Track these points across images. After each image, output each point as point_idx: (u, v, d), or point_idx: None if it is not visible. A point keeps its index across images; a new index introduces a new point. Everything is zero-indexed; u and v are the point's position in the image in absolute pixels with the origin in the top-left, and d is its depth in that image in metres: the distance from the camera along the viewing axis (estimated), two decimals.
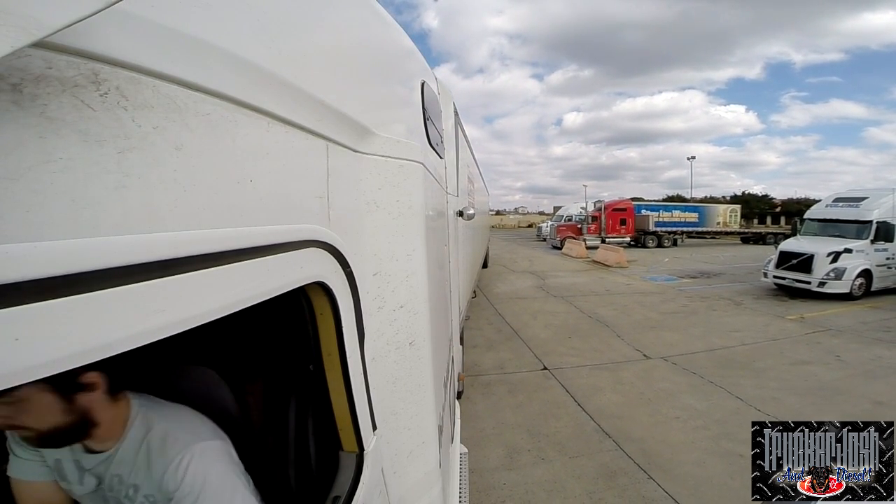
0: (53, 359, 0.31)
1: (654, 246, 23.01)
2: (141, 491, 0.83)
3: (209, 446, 0.83)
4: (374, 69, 0.99)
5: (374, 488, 0.86)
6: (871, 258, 9.32)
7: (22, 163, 0.28)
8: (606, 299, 9.36)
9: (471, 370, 5.08)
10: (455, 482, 1.90)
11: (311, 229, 0.65)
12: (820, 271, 9.12)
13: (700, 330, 6.96)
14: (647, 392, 4.56)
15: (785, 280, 9.72)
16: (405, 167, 0.98)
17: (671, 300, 9.35)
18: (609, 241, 20.91)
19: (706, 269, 14.45)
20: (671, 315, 7.96)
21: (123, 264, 0.35)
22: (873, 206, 9.65)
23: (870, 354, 5.74)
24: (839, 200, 10.48)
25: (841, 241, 9.50)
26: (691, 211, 26.67)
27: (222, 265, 0.46)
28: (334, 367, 0.77)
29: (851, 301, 9.03)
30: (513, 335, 6.68)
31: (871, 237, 9.38)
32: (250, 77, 0.51)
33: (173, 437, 0.82)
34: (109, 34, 0.33)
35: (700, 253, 20.86)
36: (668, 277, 12.53)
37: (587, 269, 14.29)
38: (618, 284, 11.32)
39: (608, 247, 17.02)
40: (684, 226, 25.44)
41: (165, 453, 0.81)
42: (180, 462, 0.79)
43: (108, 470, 0.84)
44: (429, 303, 1.04)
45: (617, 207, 23.02)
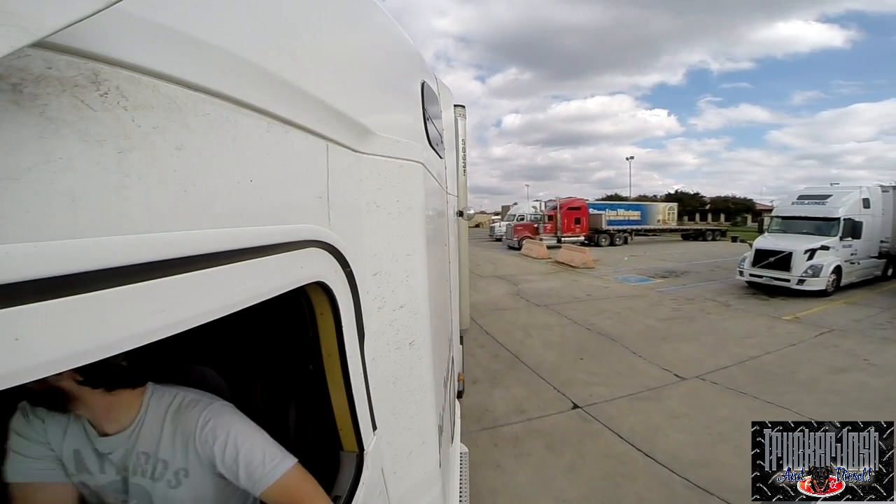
0: (53, 359, 0.31)
1: (607, 244, 23.00)
2: (171, 467, 0.83)
3: (223, 404, 0.88)
4: (374, 69, 0.99)
5: (374, 488, 0.86)
6: (839, 254, 9.48)
7: (22, 163, 0.28)
8: (593, 306, 8.82)
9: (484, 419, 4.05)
10: (455, 482, 1.90)
11: (311, 229, 0.65)
12: (798, 269, 9.19)
13: (711, 338, 6.55)
14: (712, 425, 3.89)
15: (762, 278, 9.72)
16: (405, 167, 0.97)
17: (659, 304, 9.03)
18: (564, 240, 20.91)
19: (670, 268, 14.32)
20: (671, 322, 7.60)
21: (123, 264, 0.35)
22: (839, 204, 9.86)
23: (892, 355, 5.60)
24: (804, 198, 10.66)
25: (811, 238, 9.63)
26: (634, 209, 27.25)
27: (222, 265, 0.46)
28: (334, 367, 0.77)
29: (826, 297, 9.14)
30: (514, 361, 5.70)
31: (839, 234, 9.52)
32: (250, 77, 0.51)
33: (192, 402, 0.86)
34: (109, 34, 0.33)
35: (651, 250, 20.65)
36: (641, 278, 12.35)
37: (555, 272, 13.76)
38: (595, 288, 10.91)
39: (572, 247, 16.48)
40: (631, 224, 25.86)
41: (187, 417, 0.84)
42: (206, 422, 0.82)
43: (134, 448, 0.83)
44: (429, 303, 1.04)
45: (572, 206, 22.95)
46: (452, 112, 3.09)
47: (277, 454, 0.81)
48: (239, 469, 0.79)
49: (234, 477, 0.81)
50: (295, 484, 0.80)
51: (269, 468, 0.79)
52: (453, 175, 2.85)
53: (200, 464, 0.83)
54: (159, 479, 0.83)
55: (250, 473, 0.79)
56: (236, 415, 0.87)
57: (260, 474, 0.79)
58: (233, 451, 0.80)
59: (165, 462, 0.83)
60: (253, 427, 0.86)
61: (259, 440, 0.83)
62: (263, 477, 0.79)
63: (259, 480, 0.79)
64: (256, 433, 0.85)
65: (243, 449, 0.80)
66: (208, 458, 0.82)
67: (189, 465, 0.83)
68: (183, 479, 0.83)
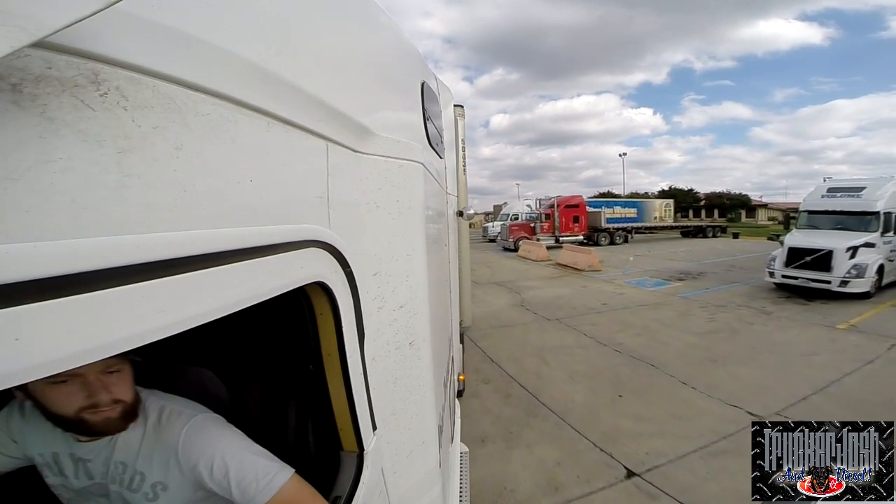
0: (53, 359, 0.31)
1: (607, 243, 21.95)
2: (147, 480, 0.81)
3: (207, 416, 0.85)
4: (374, 69, 0.99)
5: (374, 488, 0.86)
6: (881, 251, 8.48)
7: (22, 163, 0.28)
8: (614, 319, 7.49)
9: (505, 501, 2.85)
10: (455, 482, 1.90)
11: (311, 229, 0.65)
12: (840, 269, 8.12)
13: (770, 357, 5.40)
14: None
15: (797, 280, 8.63)
16: (405, 167, 0.98)
17: (689, 314, 7.78)
18: (563, 239, 20.10)
19: (682, 269, 13.21)
20: (712, 337, 6.39)
21: (123, 264, 0.35)
22: (876, 196, 8.85)
23: None
24: (835, 191, 9.64)
25: (847, 234, 8.62)
26: (630, 207, 26.07)
27: (222, 265, 0.46)
28: (334, 367, 0.77)
29: (870, 300, 8.15)
30: (532, 403, 4.28)
31: (880, 229, 8.54)
32: (250, 77, 0.51)
33: (174, 413, 0.83)
34: (109, 34, 0.33)
35: (655, 249, 19.26)
36: (657, 282, 11.12)
37: (559, 276, 12.54)
38: (609, 295, 9.63)
39: (575, 248, 15.29)
40: (629, 221, 24.75)
41: (169, 431, 0.81)
42: (188, 437, 0.80)
43: (112, 457, 0.81)
44: (429, 303, 1.04)
45: (570, 204, 21.81)
46: (452, 112, 3.09)
47: (271, 468, 0.78)
48: (231, 487, 0.77)
49: (226, 494, 0.78)
50: (291, 497, 0.77)
51: (263, 484, 0.76)
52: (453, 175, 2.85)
53: (182, 479, 0.80)
54: (136, 490, 0.81)
55: (244, 490, 0.76)
56: (223, 428, 0.84)
57: (254, 491, 0.76)
58: (221, 468, 0.77)
59: (143, 474, 0.81)
60: (241, 440, 0.83)
61: (248, 454, 0.80)
62: (258, 494, 0.76)
63: (254, 497, 0.76)
64: (245, 447, 0.82)
65: (233, 465, 0.77)
66: (192, 475, 0.79)
67: (168, 480, 0.80)
68: (160, 493, 0.81)
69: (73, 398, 0.72)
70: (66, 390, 0.71)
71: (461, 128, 3.29)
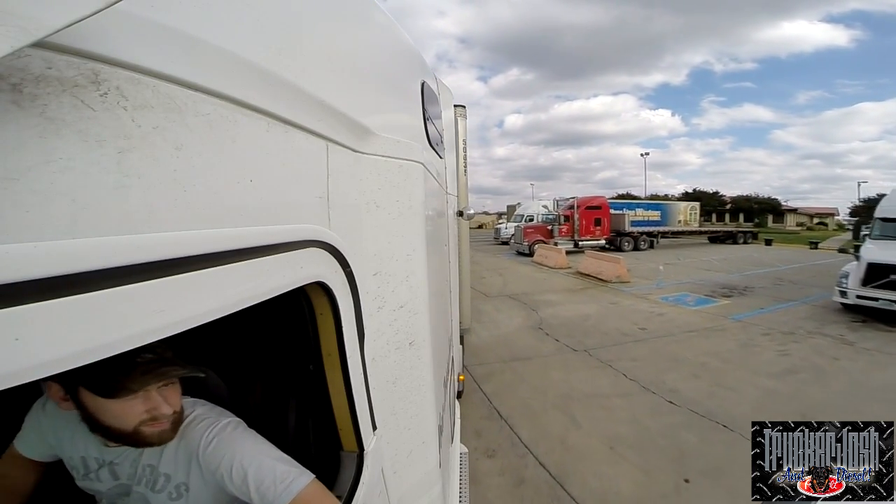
0: (53, 359, 0.31)
1: (631, 249, 19.76)
2: (173, 481, 0.82)
3: (230, 421, 0.86)
4: (374, 69, 0.99)
5: (374, 488, 0.86)
6: None
7: (22, 163, 0.28)
8: (659, 351, 5.86)
9: None
10: (455, 482, 1.90)
11: (311, 229, 0.65)
12: None
13: (881, 409, 3.94)
14: None
15: (878, 301, 7.10)
16: (405, 167, 0.98)
17: (752, 344, 6.16)
18: (583, 243, 18.60)
19: (723, 281, 11.30)
20: (792, 379, 4.87)
21: (123, 264, 0.35)
22: None
23: None
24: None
25: None
26: (654, 209, 23.88)
27: (222, 265, 0.46)
28: (334, 367, 0.77)
29: None
30: (556, 497, 2.83)
31: None
32: (250, 77, 0.51)
33: (199, 418, 0.84)
34: (109, 34, 0.33)
35: (684, 256, 17.34)
36: (699, 299, 9.37)
37: (582, 287, 10.75)
38: (646, 315, 7.85)
39: (599, 254, 13.31)
40: (653, 225, 22.57)
41: (192, 434, 0.82)
42: (209, 441, 0.81)
43: (140, 460, 0.83)
44: (429, 303, 1.04)
45: (591, 205, 19.67)
46: (452, 112, 3.09)
47: (290, 472, 0.78)
48: (250, 491, 0.77)
49: (246, 498, 0.78)
50: (309, 502, 0.77)
51: (281, 489, 0.76)
52: (453, 175, 2.85)
53: (203, 482, 0.81)
54: (161, 490, 0.82)
55: (262, 494, 0.77)
56: (244, 432, 0.85)
57: (273, 495, 0.76)
58: (240, 472, 0.78)
59: (168, 476, 0.82)
60: (261, 444, 0.83)
61: (268, 459, 0.80)
62: (276, 498, 0.76)
63: (272, 502, 0.76)
64: (265, 451, 0.82)
65: (251, 469, 0.78)
66: (213, 479, 0.80)
67: (190, 481, 0.82)
68: (184, 493, 0.82)
69: (134, 412, 0.72)
70: (129, 404, 0.71)
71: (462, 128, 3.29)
